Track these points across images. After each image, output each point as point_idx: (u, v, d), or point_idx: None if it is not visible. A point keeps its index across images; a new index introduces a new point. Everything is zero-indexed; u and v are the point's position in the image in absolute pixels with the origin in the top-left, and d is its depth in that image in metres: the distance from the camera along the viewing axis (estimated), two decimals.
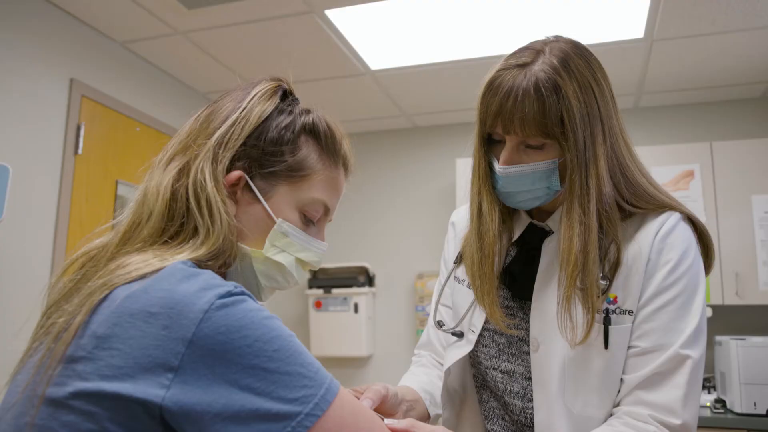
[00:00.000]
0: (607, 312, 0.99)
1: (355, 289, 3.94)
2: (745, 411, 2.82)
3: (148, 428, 0.64)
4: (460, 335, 1.16)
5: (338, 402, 0.69)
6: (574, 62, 0.97)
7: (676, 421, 0.92)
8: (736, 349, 2.87)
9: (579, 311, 0.97)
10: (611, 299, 0.99)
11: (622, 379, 0.98)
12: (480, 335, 1.13)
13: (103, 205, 2.87)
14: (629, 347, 0.99)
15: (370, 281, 4.04)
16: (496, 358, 1.10)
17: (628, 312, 0.99)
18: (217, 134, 0.83)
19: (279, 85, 0.92)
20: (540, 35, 1.05)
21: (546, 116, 0.94)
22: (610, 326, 0.98)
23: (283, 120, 0.88)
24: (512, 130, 0.97)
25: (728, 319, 3.42)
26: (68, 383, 0.66)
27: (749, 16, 2.67)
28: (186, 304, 0.66)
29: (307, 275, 1.05)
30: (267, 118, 0.87)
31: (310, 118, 0.91)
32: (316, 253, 0.92)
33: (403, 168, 4.22)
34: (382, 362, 4.03)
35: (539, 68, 0.96)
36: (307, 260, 0.91)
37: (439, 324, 1.21)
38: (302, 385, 0.67)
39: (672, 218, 1.02)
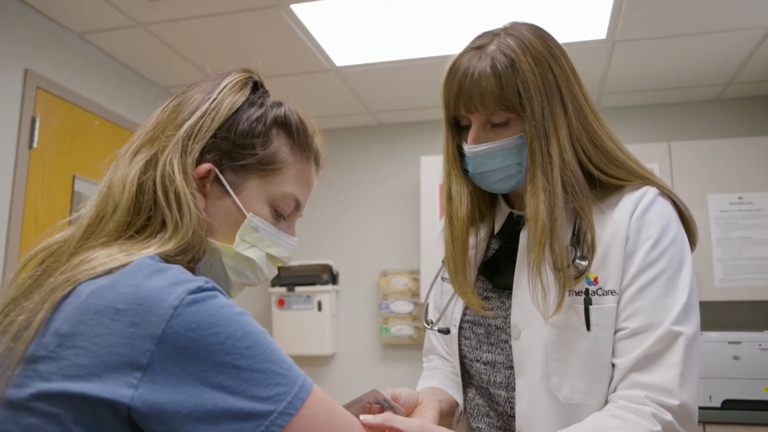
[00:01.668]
0: (587, 292, 0.97)
1: (318, 287, 3.91)
2: (701, 404, 2.89)
3: (116, 430, 0.62)
4: (446, 332, 1.16)
5: (312, 400, 0.68)
6: (528, 39, 1.01)
7: (674, 402, 0.88)
8: None
9: (551, 280, 0.97)
10: (591, 280, 0.98)
11: (615, 365, 0.96)
12: (461, 327, 1.13)
13: (59, 201, 2.78)
14: (618, 330, 0.96)
15: (333, 279, 4.01)
16: (477, 349, 1.10)
17: (611, 292, 0.97)
18: (186, 126, 0.81)
19: (249, 77, 0.90)
20: None
21: (503, 89, 0.97)
22: (590, 306, 0.96)
23: (254, 112, 0.86)
24: (474, 108, 1.00)
25: None
26: (29, 384, 0.63)
27: (707, 19, 2.74)
28: (155, 300, 0.64)
29: (276, 271, 1.05)
30: (238, 110, 0.85)
31: (282, 111, 0.89)
32: (286, 249, 0.91)
33: (368, 165, 4.20)
34: (346, 360, 4.01)
35: (495, 47, 1.00)
36: (278, 256, 0.89)
37: (428, 322, 1.21)
38: (275, 383, 0.66)
39: (649, 194, 1.01)
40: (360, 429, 0.75)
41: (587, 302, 0.97)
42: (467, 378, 1.15)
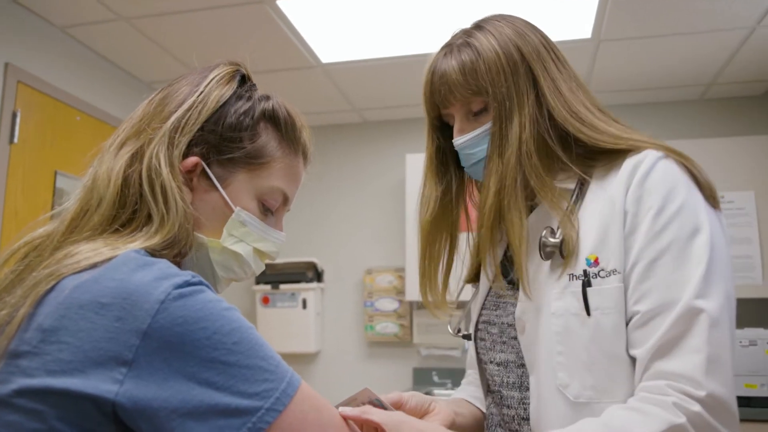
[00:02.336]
0: (585, 274, 0.89)
1: (303, 285, 3.90)
2: None
3: (100, 426, 0.61)
4: (469, 337, 1.14)
5: (300, 396, 0.67)
6: (493, 25, 1.01)
7: (700, 393, 0.77)
8: None
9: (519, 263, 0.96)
10: (591, 261, 0.90)
11: (635, 357, 0.85)
12: (477, 329, 1.11)
13: (40, 197, 2.74)
14: (630, 318, 0.86)
15: (318, 277, 4.00)
16: (491, 350, 1.06)
17: (613, 272, 0.88)
18: (173, 118, 0.80)
19: (237, 70, 0.89)
20: None
21: (466, 73, 0.97)
22: (589, 289, 0.88)
23: (242, 105, 0.85)
24: (447, 102, 1.01)
25: None
26: (11, 380, 0.62)
27: (690, 20, 2.76)
28: (141, 294, 0.63)
29: (263, 266, 1.05)
30: (225, 103, 0.84)
31: (270, 105, 0.88)
32: (274, 243, 0.90)
33: (353, 163, 4.19)
34: (331, 358, 4.00)
35: (461, 41, 1.02)
36: (265, 250, 0.88)
37: (457, 330, 1.19)
38: (263, 378, 0.65)
39: (648, 158, 0.90)
40: (347, 427, 0.75)
41: (585, 285, 0.88)
42: (486, 386, 1.11)
